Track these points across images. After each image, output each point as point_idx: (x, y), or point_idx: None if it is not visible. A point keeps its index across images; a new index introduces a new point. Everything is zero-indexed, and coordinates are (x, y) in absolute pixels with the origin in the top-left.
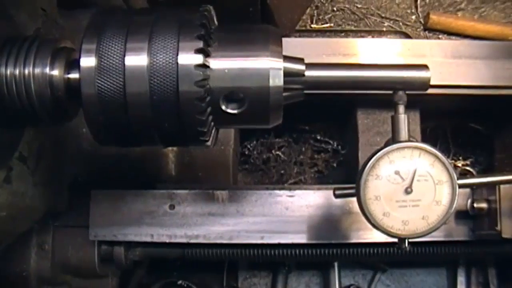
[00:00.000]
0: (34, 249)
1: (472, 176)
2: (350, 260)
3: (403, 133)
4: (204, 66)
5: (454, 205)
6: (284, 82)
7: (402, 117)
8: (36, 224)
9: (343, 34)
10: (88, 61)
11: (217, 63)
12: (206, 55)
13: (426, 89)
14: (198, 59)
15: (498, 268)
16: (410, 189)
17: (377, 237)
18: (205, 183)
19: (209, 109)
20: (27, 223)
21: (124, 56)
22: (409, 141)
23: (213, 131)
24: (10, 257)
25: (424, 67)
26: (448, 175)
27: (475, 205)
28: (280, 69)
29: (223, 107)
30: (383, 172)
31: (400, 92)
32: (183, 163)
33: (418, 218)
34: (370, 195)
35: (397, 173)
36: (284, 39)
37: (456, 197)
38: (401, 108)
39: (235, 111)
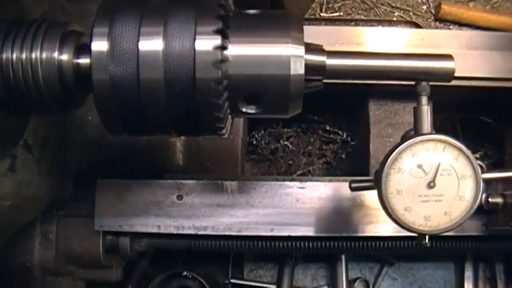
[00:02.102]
0: (38, 239)
1: (483, 170)
2: (360, 253)
3: (426, 125)
4: (222, 47)
5: (478, 201)
6: (305, 70)
7: (425, 109)
8: (40, 214)
9: (352, 23)
10: (99, 45)
11: (235, 49)
12: (225, 36)
13: (450, 80)
14: (217, 40)
15: (506, 263)
16: (433, 184)
17: (388, 230)
18: (213, 173)
19: (225, 94)
20: (31, 212)
21: (138, 40)
22: (432, 133)
23: (229, 118)
24: (14, 247)
25: (448, 57)
26: (472, 170)
27: (489, 199)
28: (301, 56)
29: (243, 109)
30: (406, 165)
31: (423, 83)
32: (191, 153)
33: (440, 213)
34: (391, 189)
35: (419, 166)
36: None
37: (480, 192)
38: (424, 99)
39: (253, 111)
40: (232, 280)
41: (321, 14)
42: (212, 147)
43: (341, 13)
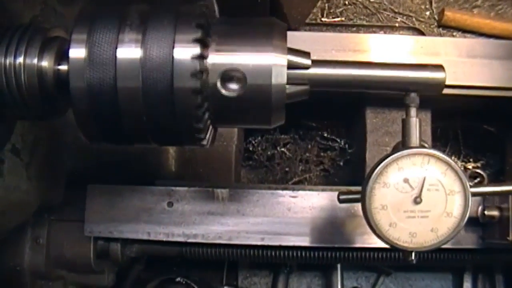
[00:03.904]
0: (29, 243)
1: (483, 179)
2: (354, 264)
3: (414, 138)
4: (201, 57)
5: (466, 217)
6: (288, 79)
7: (414, 121)
8: (31, 218)
9: (354, 28)
10: (77, 52)
11: (216, 58)
12: (205, 46)
13: (441, 92)
14: (195, 49)
15: (506, 274)
16: (420, 199)
17: (382, 242)
18: (206, 180)
19: (206, 105)
20: (19, 218)
21: (116, 47)
22: (420, 146)
23: (209, 129)
24: (4, 251)
25: (439, 67)
26: (461, 185)
27: (486, 212)
28: (283, 65)
29: (222, 91)
30: (391, 179)
31: (413, 94)
32: (184, 159)
33: (426, 230)
34: (376, 204)
35: (406, 181)
36: (292, 33)
37: (469, 209)
38: (413, 111)
39: (234, 94)
40: (226, 287)
41: (323, 19)
42: (206, 153)
43: (343, 18)
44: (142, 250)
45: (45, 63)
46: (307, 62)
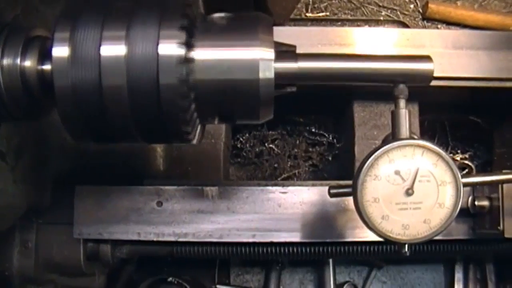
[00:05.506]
0: (17, 247)
1: (472, 170)
2: (346, 258)
3: (404, 130)
4: (186, 60)
5: (458, 208)
6: (275, 73)
7: (403, 112)
8: (19, 222)
9: (339, 23)
10: (60, 51)
11: (201, 54)
12: (190, 46)
13: (429, 82)
14: (180, 52)
15: (496, 265)
16: (411, 191)
17: (373, 235)
18: (195, 178)
19: (193, 106)
20: (6, 222)
21: (100, 45)
22: (410, 138)
23: (197, 125)
24: None
25: (427, 58)
26: (452, 176)
27: (476, 203)
28: (270, 60)
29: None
30: (382, 172)
31: (401, 86)
32: (172, 158)
33: (419, 221)
34: (368, 197)
35: (397, 173)
36: (277, 28)
37: (461, 199)
38: (402, 103)
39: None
40: (218, 286)
41: (307, 14)
42: (194, 151)
43: (327, 13)
44: (132, 251)
45: (27, 63)
46: (294, 55)
